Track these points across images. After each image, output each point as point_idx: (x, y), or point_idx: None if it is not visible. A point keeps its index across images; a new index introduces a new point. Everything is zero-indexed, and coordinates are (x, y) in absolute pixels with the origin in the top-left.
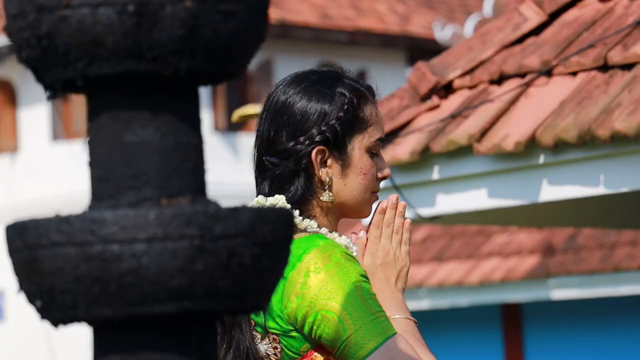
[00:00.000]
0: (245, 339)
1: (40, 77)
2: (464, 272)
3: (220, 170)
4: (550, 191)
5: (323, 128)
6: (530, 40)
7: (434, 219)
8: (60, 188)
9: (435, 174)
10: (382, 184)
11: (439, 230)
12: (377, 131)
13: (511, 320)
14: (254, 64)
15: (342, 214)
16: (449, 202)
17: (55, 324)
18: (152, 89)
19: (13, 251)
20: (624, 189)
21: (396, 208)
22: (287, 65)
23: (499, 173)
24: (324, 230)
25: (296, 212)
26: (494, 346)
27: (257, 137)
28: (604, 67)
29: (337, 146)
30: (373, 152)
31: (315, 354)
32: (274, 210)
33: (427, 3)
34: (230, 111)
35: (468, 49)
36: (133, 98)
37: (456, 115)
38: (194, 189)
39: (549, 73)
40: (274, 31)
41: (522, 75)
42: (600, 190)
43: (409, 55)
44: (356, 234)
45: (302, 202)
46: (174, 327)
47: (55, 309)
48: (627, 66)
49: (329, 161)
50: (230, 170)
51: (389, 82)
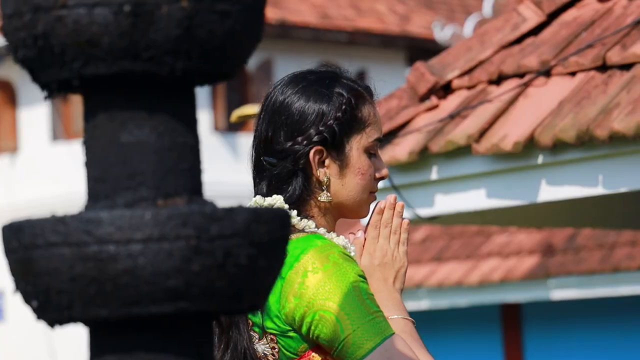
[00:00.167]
0: (242, 340)
1: (36, 77)
2: (464, 273)
3: (219, 170)
4: (549, 191)
5: (321, 128)
6: (529, 40)
7: (432, 219)
8: (60, 188)
9: (434, 174)
10: (381, 184)
11: (438, 231)
12: (375, 131)
13: (511, 320)
14: (253, 64)
15: (340, 214)
16: (447, 203)
17: (51, 324)
18: (148, 89)
19: (9, 251)
20: (623, 189)
21: (394, 208)
22: (287, 65)
23: (497, 173)
24: (321, 230)
25: (294, 212)
26: (493, 346)
27: (255, 137)
28: (603, 67)
29: (335, 146)
30: (371, 152)
31: (313, 354)
32: (270, 210)
33: (427, 3)
34: (230, 111)
35: (467, 49)
36: (129, 98)
37: (455, 116)
38: (190, 189)
39: (547, 73)
40: (273, 31)
41: (521, 75)
42: (599, 190)
43: (408, 56)
44: (354, 234)
45: (300, 203)
46: (170, 328)
47: (51, 309)
48: (626, 66)
49: (327, 161)
50: (230, 171)
51: (389, 82)
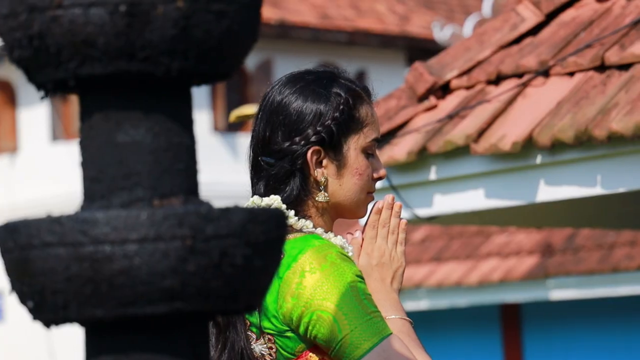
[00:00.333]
0: (240, 340)
1: (32, 78)
2: (463, 273)
3: (219, 170)
4: (548, 191)
5: (319, 128)
6: (528, 40)
7: (431, 220)
8: (60, 188)
9: (433, 175)
10: (380, 184)
11: (438, 231)
12: (373, 131)
13: (510, 320)
14: (253, 64)
15: (338, 215)
16: (446, 203)
17: (47, 324)
18: (144, 89)
19: (5, 251)
20: (621, 190)
21: (392, 208)
22: (287, 66)
23: (496, 173)
24: (319, 230)
25: (291, 213)
26: (493, 346)
27: (253, 137)
28: (601, 68)
29: (333, 146)
30: (369, 153)
31: (311, 354)
32: (265, 210)
33: (427, 3)
34: (229, 111)
35: (465, 49)
36: (125, 98)
37: (453, 116)
38: (186, 189)
39: (546, 73)
40: (273, 31)
41: (520, 75)
42: (597, 190)
43: (408, 56)
44: (352, 234)
45: (298, 203)
46: (166, 328)
47: (46, 309)
48: (624, 66)
49: (325, 161)
50: (229, 171)
51: (388, 83)
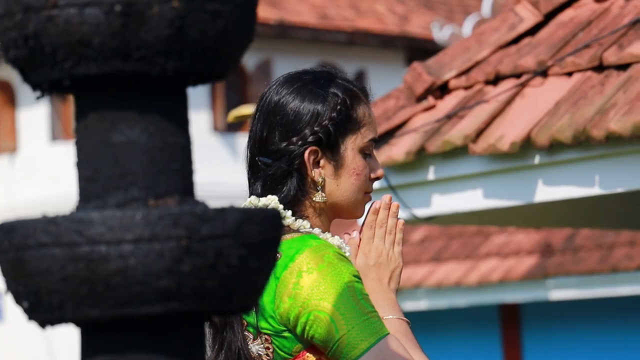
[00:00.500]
0: (237, 340)
1: (27, 78)
2: (463, 273)
3: (219, 170)
4: (546, 192)
5: (316, 128)
6: (526, 40)
7: (429, 220)
8: (60, 188)
9: (431, 175)
10: (378, 185)
11: (437, 231)
12: (370, 132)
13: (509, 320)
14: (252, 64)
15: (335, 215)
16: (444, 203)
17: (42, 324)
18: (140, 89)
19: (0, 252)
20: (619, 190)
21: (389, 208)
22: (286, 66)
23: (494, 173)
24: (316, 230)
25: (289, 213)
26: (492, 346)
27: (250, 138)
28: (600, 68)
29: (330, 147)
30: (366, 153)
31: (308, 354)
32: (261, 210)
33: (426, 3)
34: (229, 111)
35: (464, 49)
36: (120, 98)
37: (452, 116)
38: (182, 189)
39: (544, 73)
40: (272, 31)
41: (518, 75)
42: (595, 190)
43: (407, 56)
44: (349, 234)
45: (295, 203)
46: (162, 328)
47: (42, 309)
48: (623, 66)
49: (322, 162)
50: (229, 171)
51: (388, 83)
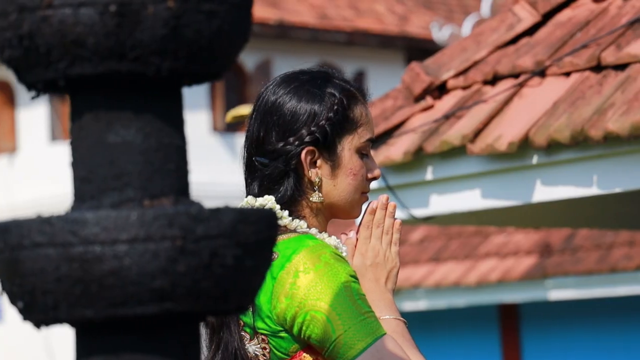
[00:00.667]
0: (233, 340)
1: (22, 78)
2: (462, 273)
3: (218, 170)
4: (544, 192)
5: (313, 128)
6: (524, 40)
7: (427, 220)
8: (59, 188)
9: (429, 175)
10: (376, 185)
11: (436, 231)
12: (367, 132)
13: (508, 320)
14: (252, 64)
15: (332, 215)
16: (442, 203)
17: (37, 325)
18: (135, 89)
19: None
20: (617, 190)
21: (386, 208)
22: (286, 66)
23: (492, 173)
24: (313, 230)
25: (286, 213)
26: (491, 347)
27: (247, 138)
28: (598, 68)
29: (327, 147)
30: (363, 153)
31: (304, 354)
32: (256, 211)
33: (426, 3)
34: (228, 111)
35: (462, 50)
36: (115, 98)
37: (450, 116)
38: (177, 189)
39: (542, 73)
40: (272, 31)
41: (516, 75)
42: (593, 190)
43: (407, 56)
44: (346, 234)
45: (292, 203)
46: (156, 328)
47: (36, 309)
48: (621, 66)
49: (319, 162)
50: (228, 171)
51: (387, 83)
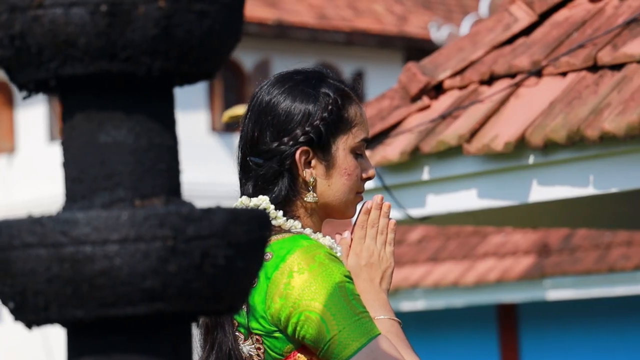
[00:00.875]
0: (227, 340)
1: (13, 78)
2: (460, 273)
3: (217, 170)
4: (540, 191)
5: (307, 128)
6: (521, 40)
7: (424, 220)
8: (57, 188)
9: (425, 175)
10: (372, 185)
11: (434, 231)
12: (362, 131)
13: (507, 320)
14: (251, 64)
15: (327, 215)
16: (439, 203)
17: (28, 325)
18: (126, 89)
19: None
20: (614, 190)
21: (381, 208)
22: (284, 66)
23: (488, 173)
24: (308, 230)
25: (280, 213)
26: (489, 347)
27: (241, 138)
28: (594, 68)
29: (321, 147)
30: (357, 153)
31: (299, 354)
32: (248, 211)
33: (425, 3)
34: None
35: (458, 50)
36: (106, 98)
37: (446, 116)
38: (168, 189)
39: (538, 73)
40: (271, 31)
41: (512, 75)
42: (589, 190)
43: (406, 56)
44: (340, 234)
45: (286, 203)
46: (147, 329)
47: (27, 310)
48: (617, 66)
49: (313, 162)
50: (227, 171)
51: (386, 83)
